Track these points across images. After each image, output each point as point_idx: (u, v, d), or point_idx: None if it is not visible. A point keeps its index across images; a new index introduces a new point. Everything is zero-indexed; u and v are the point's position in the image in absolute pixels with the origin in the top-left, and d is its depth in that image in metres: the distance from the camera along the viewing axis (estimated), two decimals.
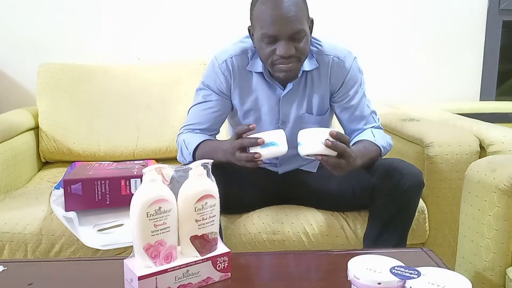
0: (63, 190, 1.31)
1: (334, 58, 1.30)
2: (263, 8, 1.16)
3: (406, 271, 0.82)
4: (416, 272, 0.82)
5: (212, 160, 0.92)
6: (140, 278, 0.82)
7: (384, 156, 1.33)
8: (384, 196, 1.22)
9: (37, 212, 1.34)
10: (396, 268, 0.83)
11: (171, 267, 0.86)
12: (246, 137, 1.10)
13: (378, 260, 0.87)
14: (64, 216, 1.29)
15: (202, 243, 0.90)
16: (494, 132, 1.46)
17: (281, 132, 1.09)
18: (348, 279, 0.85)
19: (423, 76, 2.29)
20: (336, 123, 1.45)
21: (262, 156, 1.07)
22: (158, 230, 0.84)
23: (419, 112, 1.90)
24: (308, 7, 1.22)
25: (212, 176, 0.92)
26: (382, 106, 1.96)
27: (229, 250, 0.93)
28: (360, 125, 1.34)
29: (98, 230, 1.28)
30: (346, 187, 1.31)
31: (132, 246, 0.86)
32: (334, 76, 1.31)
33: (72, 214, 1.29)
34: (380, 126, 1.38)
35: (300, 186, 1.39)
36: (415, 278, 0.80)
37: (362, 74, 1.35)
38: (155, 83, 1.92)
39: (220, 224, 1.13)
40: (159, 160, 1.75)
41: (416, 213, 1.31)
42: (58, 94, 1.86)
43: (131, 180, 1.33)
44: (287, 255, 1.13)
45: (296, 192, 1.39)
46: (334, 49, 1.31)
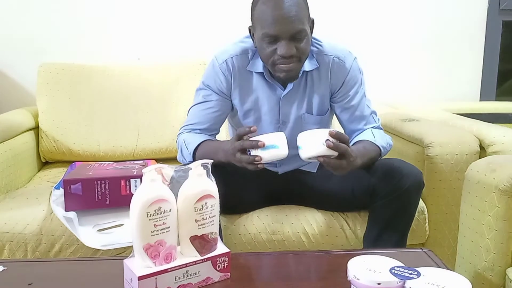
0: (63, 190, 1.31)
1: (335, 58, 1.30)
2: (264, 8, 1.16)
3: (406, 271, 0.82)
4: (416, 273, 0.82)
5: (212, 160, 0.92)
6: (140, 278, 0.83)
7: (384, 156, 1.33)
8: (384, 196, 1.22)
9: (37, 212, 1.34)
10: (396, 268, 0.83)
11: (171, 267, 0.86)
12: (247, 139, 1.10)
13: (378, 260, 0.87)
14: (64, 216, 1.29)
15: (202, 243, 0.90)
16: (494, 132, 1.46)
17: (282, 134, 1.09)
18: (348, 279, 0.85)
19: (423, 76, 2.29)
20: (336, 123, 1.45)
21: (262, 159, 1.07)
22: (158, 230, 0.84)
23: (419, 112, 1.90)
24: (309, 8, 1.22)
25: (212, 176, 0.92)
26: (382, 106, 1.96)
27: (228, 250, 0.94)
28: (360, 125, 1.34)
29: (98, 230, 1.28)
30: (346, 187, 1.31)
31: (132, 246, 0.86)
32: (334, 76, 1.31)
33: (72, 214, 1.29)
34: (380, 127, 1.38)
35: (300, 186, 1.39)
36: (415, 279, 0.80)
37: (362, 74, 1.35)
38: (155, 83, 1.92)
39: (220, 224, 1.13)
40: (159, 160, 1.75)
41: (416, 213, 1.31)
42: (58, 94, 1.87)
43: (131, 180, 1.33)
44: (287, 255, 1.13)
45: (296, 192, 1.39)
46: (334, 49, 1.31)
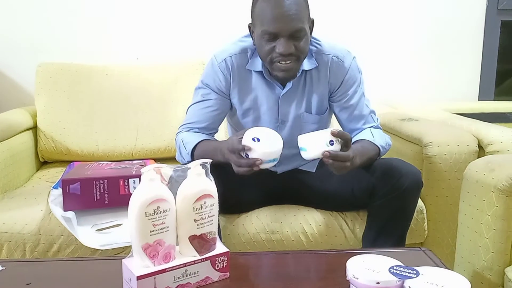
0: (61, 189, 1.31)
1: (333, 58, 1.30)
2: (264, 5, 1.17)
3: (405, 270, 0.82)
4: (414, 272, 0.82)
5: (211, 160, 0.92)
6: (139, 278, 0.82)
7: (383, 156, 1.33)
8: (383, 196, 1.22)
9: (35, 212, 1.34)
10: (395, 267, 0.83)
11: (170, 267, 0.86)
12: (245, 159, 1.08)
13: (377, 260, 0.87)
14: (62, 216, 1.28)
15: (200, 242, 0.90)
16: (493, 132, 1.46)
17: (280, 146, 1.09)
18: (347, 278, 0.85)
19: (421, 76, 2.29)
20: (335, 123, 1.45)
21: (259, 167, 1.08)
22: (156, 230, 0.84)
23: (418, 112, 1.90)
24: (309, 8, 1.22)
25: (211, 175, 0.91)
26: (381, 105, 1.96)
27: (227, 250, 0.93)
28: (359, 124, 1.34)
29: (97, 230, 1.28)
30: (345, 187, 1.31)
31: (130, 246, 0.86)
32: (333, 75, 1.31)
33: (70, 214, 1.28)
34: (379, 126, 1.38)
35: (299, 186, 1.39)
36: (413, 278, 0.80)
37: (361, 74, 1.35)
38: (154, 83, 1.92)
39: (218, 224, 1.13)
40: (157, 160, 1.74)
41: (415, 212, 1.31)
42: (57, 94, 1.86)
43: (129, 179, 1.33)
44: (286, 255, 1.13)
45: (295, 192, 1.39)
46: (333, 48, 1.31)
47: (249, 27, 1.27)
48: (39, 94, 1.87)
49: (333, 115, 1.41)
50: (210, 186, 0.90)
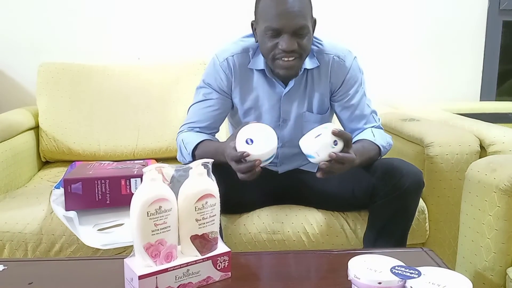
0: (63, 189, 1.31)
1: (335, 57, 1.30)
2: (268, 2, 1.17)
3: (407, 270, 0.82)
4: (416, 272, 0.81)
5: (212, 160, 0.92)
6: (141, 277, 0.82)
7: (384, 156, 1.33)
8: (384, 196, 1.22)
9: (37, 211, 1.34)
10: (396, 267, 0.83)
11: (172, 267, 0.86)
12: (244, 164, 1.08)
13: (379, 260, 0.87)
14: (64, 215, 1.28)
15: (202, 242, 0.90)
16: (494, 132, 1.46)
17: (275, 142, 1.08)
18: (349, 278, 0.85)
19: (423, 76, 2.29)
20: (336, 122, 1.44)
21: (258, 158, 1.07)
22: (158, 230, 0.84)
23: (419, 112, 1.90)
24: (312, 7, 1.22)
25: (213, 175, 0.91)
26: (382, 106, 1.96)
27: (229, 250, 0.93)
28: (360, 124, 1.34)
29: (98, 230, 1.28)
30: (346, 187, 1.31)
31: (132, 245, 0.86)
32: (334, 75, 1.31)
33: (72, 214, 1.29)
34: (381, 126, 1.38)
35: (300, 186, 1.39)
36: (415, 278, 0.80)
37: (362, 74, 1.35)
38: (155, 83, 1.92)
39: (220, 224, 1.13)
40: (159, 160, 1.75)
41: (416, 213, 1.31)
42: (58, 94, 1.86)
43: (131, 179, 1.33)
44: (287, 254, 1.13)
45: (296, 192, 1.39)
46: (335, 48, 1.31)
47: (251, 25, 1.27)
48: (40, 94, 1.87)
49: (334, 114, 1.41)
50: (211, 186, 0.90)
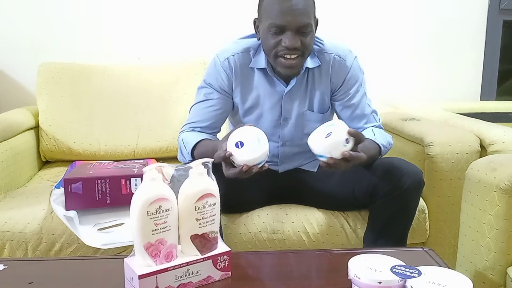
0: (63, 189, 1.31)
1: (335, 57, 1.30)
2: None
3: (407, 270, 0.82)
4: (416, 271, 0.81)
5: (212, 159, 0.92)
6: (141, 277, 0.82)
7: (385, 156, 1.33)
8: (384, 195, 1.22)
9: (37, 211, 1.34)
10: (396, 267, 0.83)
11: (172, 266, 0.86)
12: (232, 169, 1.07)
13: (379, 259, 0.87)
14: (64, 215, 1.28)
15: (202, 242, 0.90)
16: (495, 132, 1.46)
17: (265, 149, 1.06)
18: (349, 278, 0.85)
19: (423, 75, 2.29)
20: None
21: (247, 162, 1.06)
22: (158, 229, 0.84)
23: (420, 111, 1.89)
24: (315, 7, 1.22)
25: (213, 175, 0.91)
26: (383, 105, 1.96)
27: (229, 249, 0.93)
28: (360, 123, 1.34)
29: (99, 229, 1.28)
30: (346, 186, 1.31)
31: (132, 245, 0.86)
32: (335, 74, 1.31)
33: (72, 213, 1.29)
34: (381, 126, 1.38)
35: (300, 185, 1.39)
36: (415, 277, 0.80)
37: (363, 74, 1.36)
38: (155, 83, 1.92)
39: (220, 223, 1.13)
40: (159, 160, 1.75)
41: (417, 212, 1.31)
42: (58, 94, 1.86)
43: (131, 179, 1.33)
44: (287, 254, 1.13)
45: (296, 192, 1.39)
46: (336, 47, 1.32)
47: (254, 22, 1.28)
48: (40, 93, 1.87)
49: (334, 113, 1.42)
50: (211, 186, 0.90)
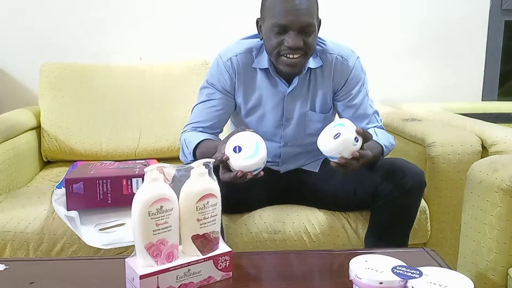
0: (64, 189, 1.31)
1: (338, 57, 1.30)
2: None
3: (408, 270, 0.82)
4: (418, 272, 0.81)
5: (214, 160, 0.92)
6: (142, 277, 0.83)
7: (386, 156, 1.33)
8: (385, 196, 1.22)
9: (39, 211, 1.34)
10: (398, 267, 0.83)
11: (173, 266, 0.86)
12: (228, 173, 1.07)
13: (380, 260, 0.87)
14: (65, 215, 1.29)
15: (203, 242, 0.90)
16: (496, 132, 1.45)
17: (262, 156, 1.06)
18: (350, 278, 0.85)
19: (425, 76, 2.28)
20: None
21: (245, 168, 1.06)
22: (159, 229, 0.84)
23: (421, 112, 1.89)
24: (318, 7, 1.22)
25: (214, 175, 0.92)
26: (384, 106, 1.96)
27: (230, 250, 0.93)
28: (362, 124, 1.34)
29: (100, 229, 1.29)
30: (347, 187, 1.31)
31: (133, 245, 0.86)
32: (337, 74, 1.31)
33: (73, 213, 1.29)
34: (383, 127, 1.38)
35: (301, 185, 1.39)
36: (417, 278, 0.80)
37: (365, 74, 1.36)
38: (157, 83, 1.92)
39: (221, 224, 1.13)
40: (161, 160, 1.74)
41: (418, 213, 1.31)
42: (60, 94, 1.87)
43: (132, 179, 1.33)
44: (288, 254, 1.13)
45: (297, 192, 1.39)
46: (338, 48, 1.32)
47: (257, 22, 1.28)
48: (42, 94, 1.87)
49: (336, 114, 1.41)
50: (213, 186, 0.90)
